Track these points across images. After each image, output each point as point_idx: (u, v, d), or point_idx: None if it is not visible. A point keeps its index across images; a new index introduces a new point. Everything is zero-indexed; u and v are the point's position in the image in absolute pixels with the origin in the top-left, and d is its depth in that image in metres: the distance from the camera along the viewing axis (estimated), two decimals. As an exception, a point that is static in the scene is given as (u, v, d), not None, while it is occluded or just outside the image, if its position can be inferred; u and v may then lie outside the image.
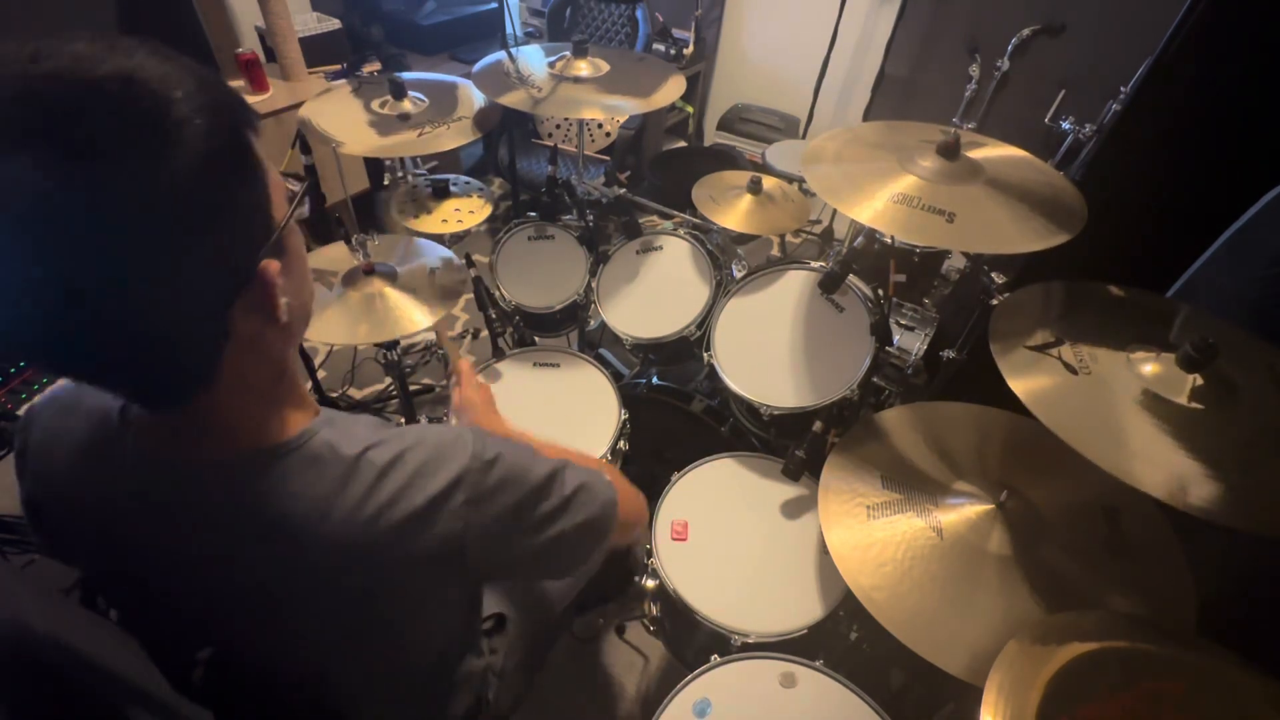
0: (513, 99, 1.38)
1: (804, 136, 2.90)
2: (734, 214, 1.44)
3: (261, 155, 0.46)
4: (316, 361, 2.19)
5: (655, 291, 1.53)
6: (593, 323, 1.70)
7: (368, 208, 2.59)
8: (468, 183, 1.67)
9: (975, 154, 1.06)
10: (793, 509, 1.23)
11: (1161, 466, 0.70)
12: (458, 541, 0.54)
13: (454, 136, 1.42)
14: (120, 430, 0.53)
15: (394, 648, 0.62)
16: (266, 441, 0.52)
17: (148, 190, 0.37)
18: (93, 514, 0.56)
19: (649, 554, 1.15)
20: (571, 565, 0.64)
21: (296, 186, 0.52)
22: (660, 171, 2.77)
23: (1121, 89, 1.83)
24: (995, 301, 1.07)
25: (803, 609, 1.07)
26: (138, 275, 0.39)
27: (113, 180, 0.36)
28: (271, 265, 0.46)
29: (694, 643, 1.16)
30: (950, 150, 1.02)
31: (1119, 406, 0.77)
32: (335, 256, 1.34)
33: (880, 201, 0.99)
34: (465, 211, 1.58)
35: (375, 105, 1.45)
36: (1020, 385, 0.80)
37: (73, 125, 0.36)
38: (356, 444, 0.53)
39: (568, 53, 1.50)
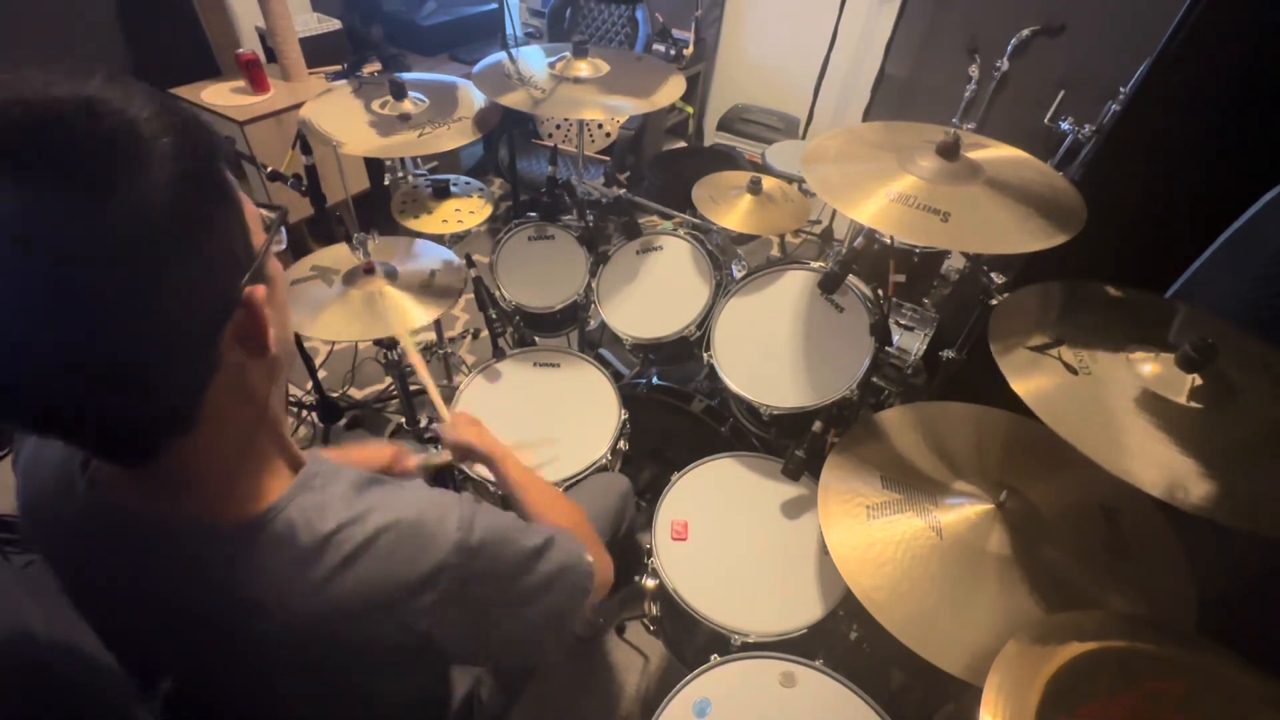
0: (513, 99, 1.38)
1: (804, 137, 2.90)
2: (734, 214, 1.44)
3: (234, 183, 0.44)
4: (317, 361, 2.19)
5: (655, 291, 1.53)
6: (593, 323, 1.70)
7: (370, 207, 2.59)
8: (468, 183, 1.67)
9: (975, 155, 1.06)
10: (793, 509, 1.23)
11: (1161, 466, 0.70)
12: (424, 634, 0.53)
13: (454, 137, 1.42)
14: (80, 475, 0.50)
15: (361, 704, 0.60)
16: (232, 514, 0.49)
17: (118, 210, 0.36)
18: (61, 540, 0.55)
19: (649, 554, 1.15)
20: (531, 652, 0.63)
21: (270, 214, 0.50)
22: (660, 171, 2.76)
23: (1121, 89, 1.83)
24: (995, 301, 1.07)
25: (803, 609, 1.07)
26: (112, 299, 0.36)
27: (79, 200, 0.35)
28: (258, 290, 0.44)
29: (694, 642, 1.16)
30: (950, 150, 1.02)
31: (1119, 406, 0.77)
32: (336, 256, 1.35)
33: (877, 201, 0.98)
34: (465, 212, 1.58)
35: (375, 106, 1.46)
36: (1022, 385, 0.80)
37: (36, 145, 0.35)
38: (328, 520, 0.51)
39: (568, 53, 1.50)
